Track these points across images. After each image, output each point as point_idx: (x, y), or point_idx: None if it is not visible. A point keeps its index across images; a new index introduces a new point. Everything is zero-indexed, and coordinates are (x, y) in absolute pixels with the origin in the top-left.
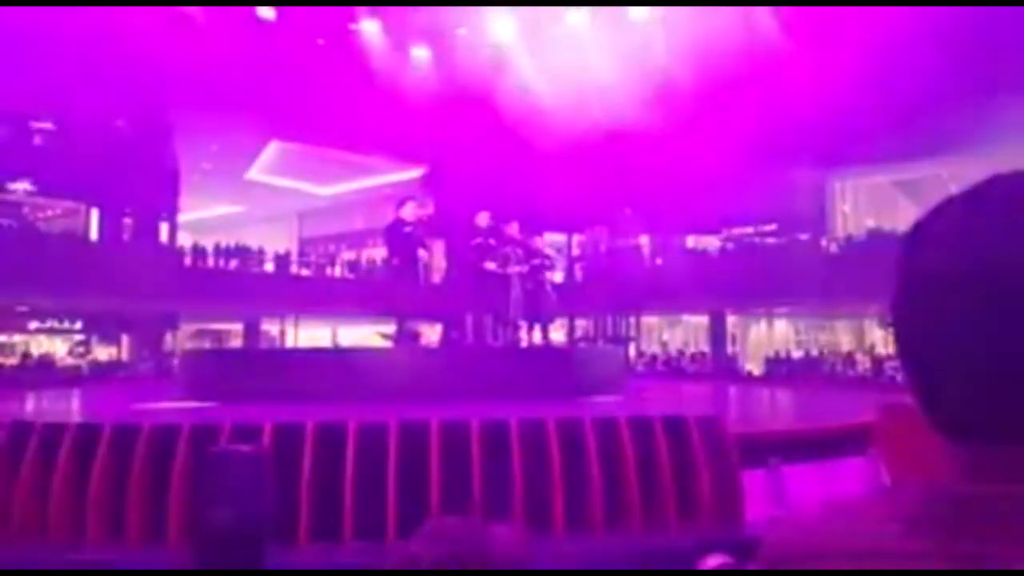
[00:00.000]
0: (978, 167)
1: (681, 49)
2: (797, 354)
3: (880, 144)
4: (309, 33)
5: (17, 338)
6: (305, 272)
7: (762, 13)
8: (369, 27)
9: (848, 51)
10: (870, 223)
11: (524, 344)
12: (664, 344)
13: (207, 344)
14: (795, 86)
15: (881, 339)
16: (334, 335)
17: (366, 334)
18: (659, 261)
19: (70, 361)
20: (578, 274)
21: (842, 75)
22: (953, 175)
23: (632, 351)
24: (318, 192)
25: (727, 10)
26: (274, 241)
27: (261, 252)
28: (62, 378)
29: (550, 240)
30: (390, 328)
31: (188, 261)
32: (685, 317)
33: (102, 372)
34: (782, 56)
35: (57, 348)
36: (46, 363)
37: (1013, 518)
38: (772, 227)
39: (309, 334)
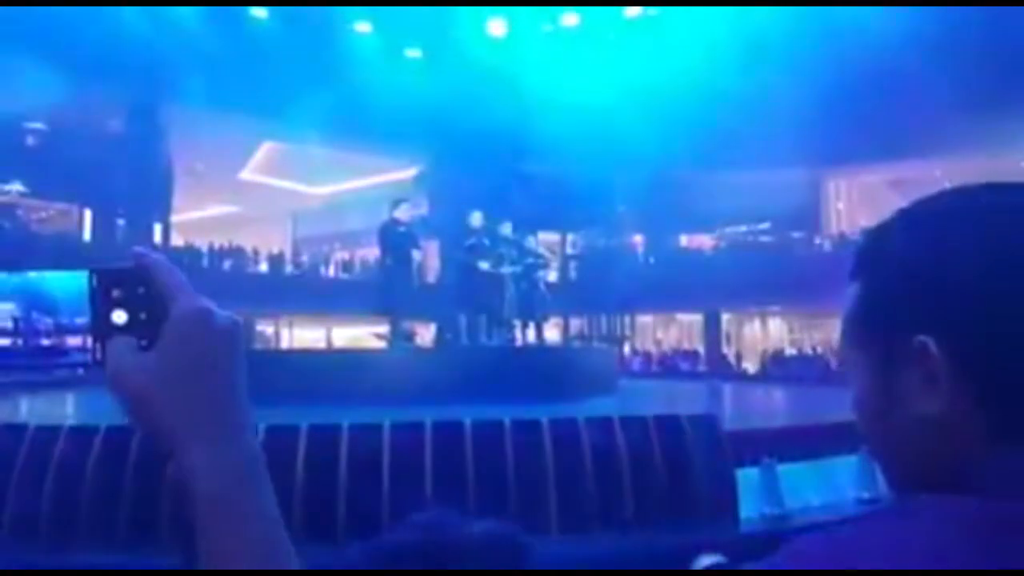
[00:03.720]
0: (973, 168)
1: (676, 49)
2: (791, 352)
3: (875, 143)
4: (303, 31)
5: None
6: (299, 272)
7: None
8: (364, 27)
9: (846, 51)
10: (864, 221)
11: (518, 344)
12: (659, 343)
13: None
14: (790, 83)
15: None
16: (328, 335)
17: (361, 334)
18: (653, 260)
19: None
20: (572, 273)
21: (839, 75)
22: (947, 175)
23: (627, 350)
24: (312, 192)
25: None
26: (268, 241)
27: (255, 252)
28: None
29: (544, 239)
30: (384, 328)
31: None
32: (679, 316)
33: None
34: (777, 52)
35: None
36: None
37: None
38: (766, 225)
39: (303, 335)
